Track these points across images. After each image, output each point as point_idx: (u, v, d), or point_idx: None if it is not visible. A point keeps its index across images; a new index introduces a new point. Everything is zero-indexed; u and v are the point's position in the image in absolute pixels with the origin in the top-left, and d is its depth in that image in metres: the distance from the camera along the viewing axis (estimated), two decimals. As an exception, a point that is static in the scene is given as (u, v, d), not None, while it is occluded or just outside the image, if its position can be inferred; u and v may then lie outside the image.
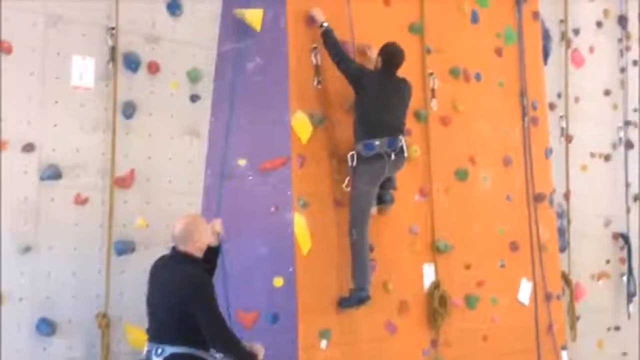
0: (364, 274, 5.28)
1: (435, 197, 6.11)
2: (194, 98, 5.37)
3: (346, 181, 5.31)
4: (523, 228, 6.77)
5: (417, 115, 6.08)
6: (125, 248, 5.02)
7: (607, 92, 8.41)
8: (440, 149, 6.19)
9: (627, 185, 8.49)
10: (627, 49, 8.60)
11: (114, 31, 4.97)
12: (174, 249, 4.22)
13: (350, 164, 5.29)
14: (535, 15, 7.23)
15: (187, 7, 5.32)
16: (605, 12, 8.40)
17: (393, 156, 5.27)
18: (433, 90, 6.19)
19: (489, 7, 6.72)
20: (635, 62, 8.70)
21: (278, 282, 5.19)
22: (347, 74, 5.33)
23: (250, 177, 5.37)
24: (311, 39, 5.50)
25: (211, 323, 4.00)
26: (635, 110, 8.68)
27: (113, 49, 4.97)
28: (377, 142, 5.24)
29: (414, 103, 5.94)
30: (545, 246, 6.92)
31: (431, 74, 6.20)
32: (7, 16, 4.59)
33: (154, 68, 5.17)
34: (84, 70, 4.88)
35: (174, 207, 5.22)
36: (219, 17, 5.48)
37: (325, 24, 5.34)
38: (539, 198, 6.94)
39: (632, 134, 8.60)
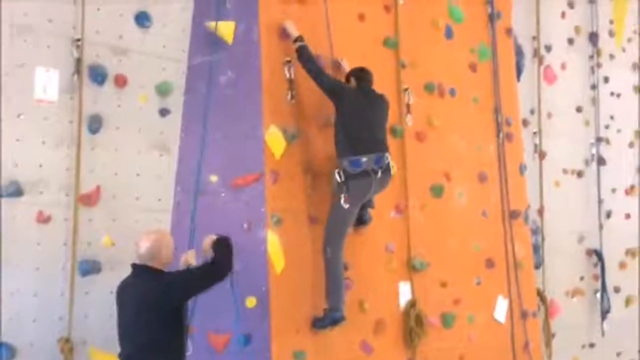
0: (338, 293, 5.15)
1: (411, 213, 6.00)
2: (164, 112, 5.20)
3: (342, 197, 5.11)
4: (499, 245, 6.69)
5: (393, 131, 5.98)
6: (90, 268, 4.81)
7: (579, 109, 8.42)
8: (416, 164, 6.09)
9: (600, 201, 8.48)
10: (598, 65, 8.63)
11: (79, 42, 4.80)
12: (137, 266, 4.05)
13: (337, 180, 5.12)
14: (508, 31, 7.20)
15: (157, 19, 5.17)
16: (577, 29, 8.42)
17: (379, 174, 5.14)
18: (408, 105, 6.10)
19: (463, 23, 6.67)
20: (606, 79, 8.73)
21: (250, 302, 5.02)
22: (325, 89, 5.23)
23: (222, 194, 5.20)
24: (284, 52, 5.37)
25: (199, 275, 4.03)
26: (606, 127, 8.70)
27: (78, 61, 4.79)
28: (364, 159, 5.11)
29: (390, 118, 5.85)
30: (521, 263, 6.85)
31: (406, 89, 6.11)
32: (-33, 26, 4.40)
33: (121, 81, 5.00)
34: (48, 82, 4.69)
35: (141, 225, 5.03)
36: (189, 29, 5.32)
37: (299, 40, 5.23)
38: (514, 215, 6.87)
39: (604, 150, 8.61)
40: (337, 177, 5.11)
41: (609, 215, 8.59)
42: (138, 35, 5.09)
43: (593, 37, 8.59)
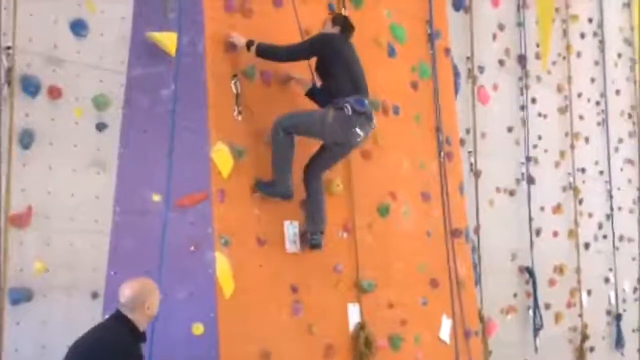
0: (287, 172, 5.06)
1: (359, 233, 5.85)
2: (101, 127, 4.83)
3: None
4: (442, 264, 6.63)
5: (339, 149, 5.82)
6: (21, 296, 4.36)
7: (510, 129, 8.55)
8: (362, 183, 5.97)
9: (531, 219, 8.61)
10: (527, 87, 8.81)
11: (10, 51, 4.39)
12: (117, 313, 3.73)
13: (347, 113, 5.05)
14: (447, 51, 7.23)
15: (94, 27, 4.81)
16: (507, 51, 8.58)
17: (372, 122, 5.24)
18: (354, 122, 5.96)
19: (405, 42, 6.63)
20: (533, 100, 8.92)
21: (198, 329, 4.70)
22: (310, 51, 5.17)
23: (167, 214, 4.87)
24: (231, 65, 5.16)
25: None
26: (535, 147, 8.87)
27: (9, 71, 4.38)
28: (366, 101, 5.19)
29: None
30: (463, 282, 6.81)
31: (351, 105, 5.97)
32: None
33: (55, 93, 4.61)
34: (-25, 93, 4.26)
35: (76, 249, 4.64)
36: (128, 39, 4.99)
37: (251, 43, 5.09)
38: (455, 233, 6.84)
39: (533, 169, 8.76)
40: (346, 110, 5.03)
41: (538, 233, 8.73)
42: (74, 45, 4.72)
43: (521, 59, 8.77)
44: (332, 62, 5.16)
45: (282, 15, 5.51)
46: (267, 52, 5.12)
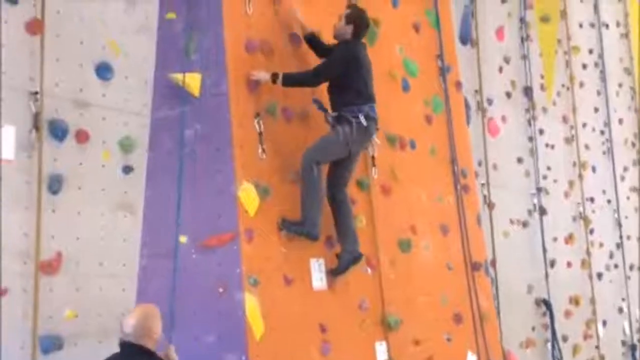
0: (317, 210, 5.08)
1: (382, 269, 5.79)
2: (127, 169, 4.82)
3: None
4: (463, 297, 6.56)
5: (360, 184, 5.81)
6: (51, 345, 4.29)
7: (519, 160, 8.58)
8: (384, 218, 5.93)
9: (545, 250, 8.58)
10: (534, 118, 8.86)
11: (37, 96, 4.38)
12: (127, 345, 3.61)
13: (355, 123, 5.16)
14: (458, 85, 7.27)
15: (118, 71, 4.82)
16: (513, 84, 8.65)
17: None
18: (373, 157, 5.97)
19: (417, 77, 6.67)
20: (541, 131, 8.97)
21: (230, 372, 4.61)
22: (336, 71, 5.21)
23: (194, 256, 4.82)
24: (254, 104, 5.15)
25: None
26: (544, 178, 8.89)
27: (37, 116, 4.36)
28: (375, 107, 5.31)
29: (357, 173, 5.71)
30: (485, 316, 6.74)
31: (370, 141, 5.99)
32: None
33: (82, 137, 4.60)
34: (4, 140, 4.23)
35: (106, 294, 4.58)
36: (151, 81, 5.00)
37: (275, 76, 5.12)
38: (475, 266, 6.79)
39: (544, 200, 8.77)
40: (362, 120, 5.16)
41: (552, 264, 8.70)
42: (99, 88, 4.73)
43: (527, 91, 8.84)
44: (352, 75, 5.23)
45: (301, 53, 5.54)
46: (294, 80, 5.17)
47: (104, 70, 4.74)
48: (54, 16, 4.51)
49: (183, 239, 4.83)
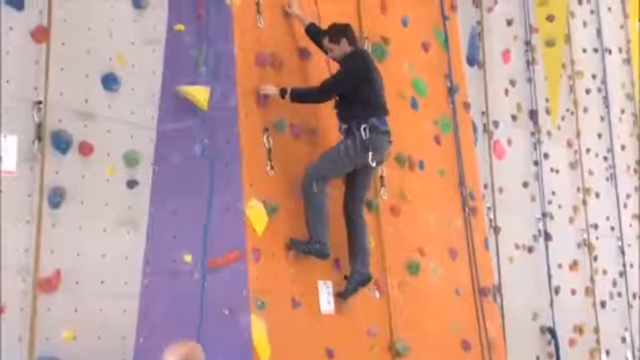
0: (323, 227, 4.90)
1: (391, 293, 5.61)
2: (132, 184, 4.63)
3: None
4: (472, 323, 6.38)
5: (369, 205, 5.65)
6: (48, 366, 4.07)
7: (525, 184, 8.44)
8: (392, 240, 5.76)
9: (550, 277, 8.42)
10: (539, 142, 8.75)
11: (41, 105, 4.21)
12: None
13: (359, 135, 4.96)
14: (466, 106, 7.16)
15: (125, 82, 4.66)
16: (518, 106, 8.54)
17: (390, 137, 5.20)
18: (382, 177, 5.81)
19: (426, 96, 6.55)
20: (546, 155, 8.85)
21: (235, 398, 4.40)
22: (347, 85, 5.05)
23: (198, 275, 4.62)
24: (262, 119, 5.00)
25: None
26: (549, 203, 8.75)
27: (40, 126, 4.19)
28: (386, 119, 5.14)
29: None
30: (493, 343, 6.55)
31: (380, 160, 5.84)
32: None
33: (86, 149, 4.42)
34: (6, 150, 4.05)
35: (106, 314, 4.38)
36: (158, 94, 4.84)
37: (284, 92, 4.98)
38: (483, 292, 6.62)
39: (549, 225, 8.62)
40: (363, 133, 4.93)
41: (557, 291, 8.53)
42: (105, 99, 4.56)
43: (533, 114, 8.73)
44: (362, 87, 5.07)
45: (310, 66, 5.40)
46: (302, 95, 5.04)
47: (110, 81, 4.58)
48: (61, 24, 4.36)
49: (188, 257, 4.64)
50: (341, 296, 5.11)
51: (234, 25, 4.94)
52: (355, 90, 5.07)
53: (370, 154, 4.99)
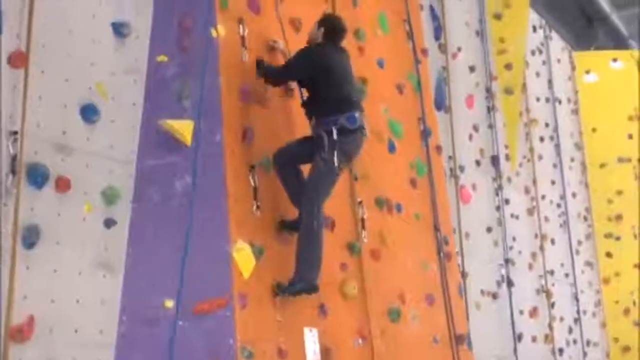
0: (316, 268, 4.62)
1: (374, 341, 5.37)
2: (109, 223, 4.29)
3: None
4: (449, 373, 6.19)
5: (351, 247, 5.44)
6: None
7: (489, 229, 8.41)
8: (374, 285, 5.55)
9: (513, 324, 8.35)
10: (500, 188, 8.77)
11: (17, 136, 3.85)
12: None
13: (327, 139, 4.65)
14: (438, 149, 7.10)
15: (104, 114, 4.35)
16: (481, 152, 8.57)
17: (364, 132, 4.88)
18: (363, 220, 5.63)
19: (402, 138, 6.45)
20: (507, 201, 8.87)
21: None
22: (301, 73, 4.86)
23: (180, 323, 4.28)
24: (248, 157, 4.75)
25: None
26: (511, 248, 8.75)
27: (15, 159, 3.83)
28: (357, 115, 4.80)
29: (347, 234, 5.36)
30: (469, 393, 6.38)
31: (360, 202, 5.66)
32: None
33: (63, 185, 4.07)
34: (-24, 183, 3.67)
35: (79, 366, 3.97)
36: (139, 128, 4.54)
37: (259, 66, 4.89)
38: (459, 340, 6.45)
39: (512, 271, 8.59)
40: (330, 135, 4.64)
41: (519, 338, 8.46)
42: (83, 131, 4.24)
43: (495, 160, 8.77)
44: (320, 83, 4.79)
45: (295, 103, 5.21)
46: (271, 72, 4.92)
47: (89, 112, 4.26)
48: (40, 50, 4.04)
49: (169, 303, 4.29)
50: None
51: (220, 58, 4.71)
52: (317, 86, 4.81)
53: (335, 154, 4.66)
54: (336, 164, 4.67)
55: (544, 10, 11.51)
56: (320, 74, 4.79)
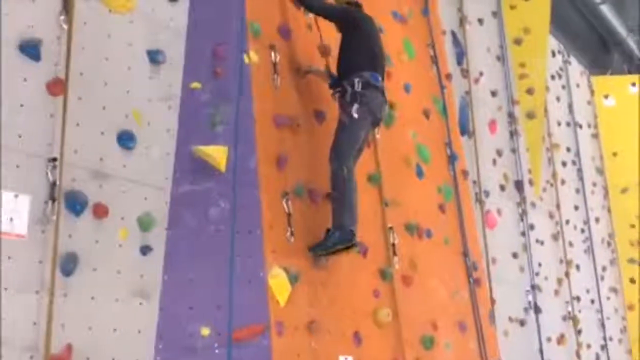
0: (352, 216, 4.59)
1: (408, 368, 5.30)
2: (145, 250, 4.25)
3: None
4: (482, 402, 6.08)
5: (383, 274, 5.39)
6: None
7: (514, 255, 8.33)
8: (407, 312, 5.48)
9: (541, 351, 8.21)
10: (525, 213, 8.69)
11: (56, 163, 3.84)
12: None
13: (354, 89, 4.79)
14: (465, 174, 7.06)
15: (140, 140, 4.34)
16: (505, 176, 8.51)
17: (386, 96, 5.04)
18: (394, 245, 5.58)
19: (430, 163, 6.42)
20: (531, 226, 8.79)
21: None
22: (338, 18, 5.12)
23: (217, 351, 4.22)
24: (282, 183, 4.73)
25: None
26: (537, 274, 8.64)
27: (54, 185, 3.81)
28: (379, 77, 4.98)
29: (379, 261, 5.31)
30: None
31: (391, 228, 5.62)
32: None
33: (101, 211, 4.04)
34: (17, 211, 3.65)
35: (117, 396, 3.91)
36: (173, 153, 4.53)
37: None
38: (491, 368, 6.36)
39: (539, 298, 8.48)
40: (355, 85, 4.77)
41: (548, 366, 8.33)
42: (120, 158, 4.22)
43: (519, 185, 8.71)
44: (355, 34, 5.02)
45: (327, 129, 5.19)
46: (307, 3, 5.15)
47: (126, 139, 4.25)
48: (77, 78, 4.04)
49: (205, 331, 4.24)
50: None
51: (253, 84, 4.72)
52: (348, 42, 4.99)
53: (356, 106, 4.78)
54: (356, 115, 4.70)
55: (560, 34, 11.52)
56: (352, 24, 5.03)
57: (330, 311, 4.71)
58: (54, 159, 3.84)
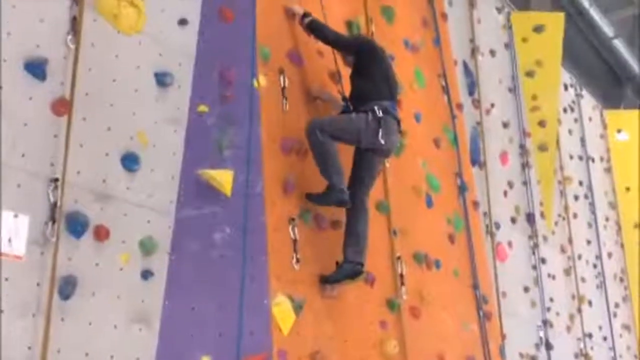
0: (338, 174, 4.64)
1: (416, 404, 5.14)
2: (146, 274, 4.15)
3: None
4: None
5: (390, 305, 5.25)
6: None
7: (526, 289, 8.16)
8: (414, 345, 5.33)
9: (554, 390, 8.01)
10: (536, 246, 8.55)
11: (57, 183, 3.77)
12: None
13: (376, 115, 4.75)
14: (476, 205, 6.95)
15: (144, 162, 4.27)
16: (516, 209, 8.39)
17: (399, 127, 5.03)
18: (402, 276, 5.45)
19: (440, 193, 6.32)
20: (543, 260, 8.63)
21: None
22: (351, 50, 5.08)
23: (218, 378, 4.10)
24: (288, 209, 4.63)
25: None
26: (548, 310, 8.46)
27: (55, 206, 3.74)
28: (396, 106, 5.03)
29: (387, 291, 5.18)
30: None
31: (399, 257, 5.50)
32: None
33: (102, 234, 3.96)
34: (16, 232, 3.57)
35: None
36: (177, 177, 4.45)
37: (307, 15, 5.05)
38: (502, 406, 6.17)
39: (550, 333, 8.28)
40: (376, 112, 4.74)
41: (561, 405, 8.11)
42: (123, 180, 4.15)
43: (530, 218, 8.58)
44: (371, 62, 5.00)
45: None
46: (318, 29, 5.06)
47: (130, 161, 4.18)
48: (83, 98, 4.00)
49: (206, 359, 4.12)
50: (323, 282, 4.70)
51: (262, 108, 4.66)
52: (366, 69, 4.96)
53: (381, 130, 4.75)
54: (383, 140, 4.73)
55: (573, 68, 11.47)
56: (368, 53, 5.01)
57: (335, 341, 4.58)
58: (56, 179, 3.78)
